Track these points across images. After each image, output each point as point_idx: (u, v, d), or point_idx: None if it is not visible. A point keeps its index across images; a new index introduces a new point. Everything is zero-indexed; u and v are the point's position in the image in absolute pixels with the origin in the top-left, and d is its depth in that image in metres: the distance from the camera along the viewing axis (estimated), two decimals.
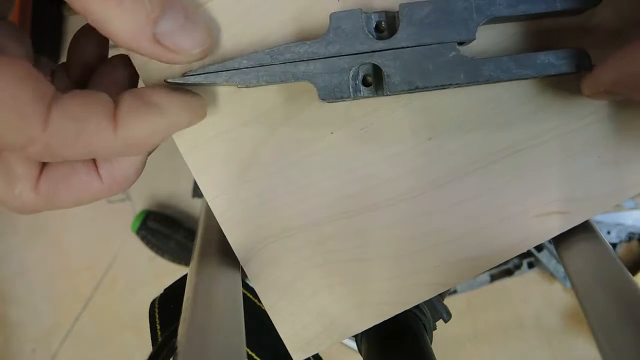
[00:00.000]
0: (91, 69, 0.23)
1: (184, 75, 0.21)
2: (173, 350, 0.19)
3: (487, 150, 0.23)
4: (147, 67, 0.22)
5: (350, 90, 0.21)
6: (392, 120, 0.23)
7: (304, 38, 0.22)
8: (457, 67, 0.20)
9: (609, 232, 0.82)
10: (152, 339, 0.29)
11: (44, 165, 0.20)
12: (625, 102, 0.22)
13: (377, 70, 0.21)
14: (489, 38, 0.22)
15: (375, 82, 0.21)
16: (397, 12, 0.20)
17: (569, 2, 0.20)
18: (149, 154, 0.22)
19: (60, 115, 0.17)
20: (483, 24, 0.20)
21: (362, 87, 0.21)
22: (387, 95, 0.21)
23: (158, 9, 0.18)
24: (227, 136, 0.24)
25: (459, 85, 0.21)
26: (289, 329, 0.25)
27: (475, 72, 0.20)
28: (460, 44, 0.21)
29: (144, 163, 0.22)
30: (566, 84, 0.22)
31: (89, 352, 0.97)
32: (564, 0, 0.20)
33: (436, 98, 0.23)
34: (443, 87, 0.21)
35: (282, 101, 0.23)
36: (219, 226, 0.24)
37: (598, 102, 0.22)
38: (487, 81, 0.20)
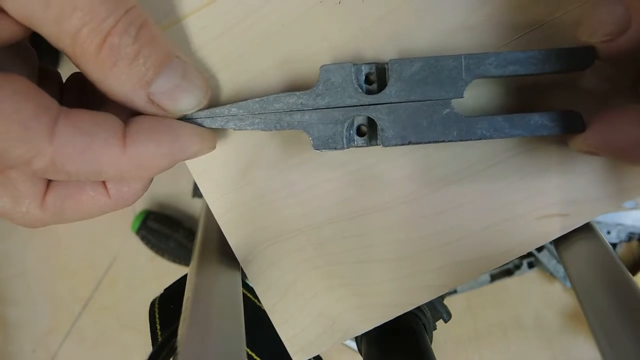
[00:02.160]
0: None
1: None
2: (173, 350, 0.19)
3: (487, 152, 0.23)
4: None
5: (344, 141, 0.21)
6: None
7: (294, 86, 0.22)
8: (450, 125, 0.21)
9: (609, 232, 0.82)
10: (152, 339, 0.29)
11: (50, 181, 0.20)
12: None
13: (371, 121, 0.21)
14: (480, 92, 0.23)
15: (369, 132, 0.22)
16: (387, 65, 0.21)
17: (557, 65, 0.20)
18: (157, 173, 0.22)
19: (67, 129, 0.17)
20: (472, 82, 0.20)
21: (356, 137, 0.22)
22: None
23: (152, 70, 0.18)
24: (228, 138, 0.23)
25: (452, 141, 0.21)
26: (289, 330, 0.25)
27: (469, 131, 0.21)
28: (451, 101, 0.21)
29: (152, 180, 0.21)
30: (566, 87, 0.23)
31: (89, 352, 0.97)
32: (552, 63, 0.20)
33: None
34: (436, 142, 0.21)
35: None
36: (219, 226, 0.24)
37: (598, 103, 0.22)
38: (480, 139, 0.21)
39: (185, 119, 0.21)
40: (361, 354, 0.30)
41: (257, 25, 0.22)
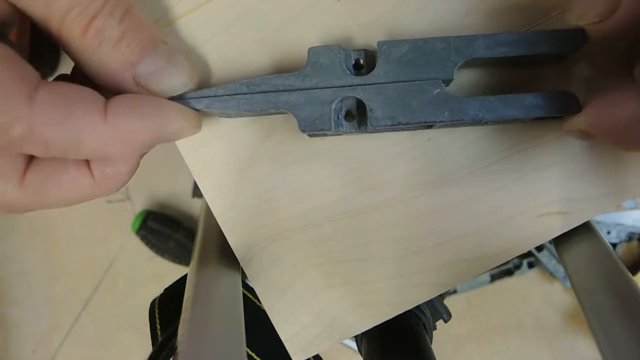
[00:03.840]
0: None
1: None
2: (173, 350, 0.19)
3: (487, 151, 0.23)
4: None
5: (332, 123, 0.20)
6: None
7: (282, 71, 0.22)
8: (441, 105, 0.20)
9: (609, 232, 0.82)
10: (152, 339, 0.29)
11: (31, 159, 0.19)
12: None
13: (360, 106, 0.21)
14: (471, 77, 0.22)
15: (358, 117, 0.21)
16: (376, 48, 0.20)
17: (547, 47, 0.20)
18: (142, 155, 0.22)
19: (46, 96, 0.16)
20: (461, 66, 0.20)
21: (344, 122, 0.21)
22: (370, 131, 0.21)
23: (137, 53, 0.18)
24: (227, 136, 0.24)
25: (443, 123, 0.20)
26: (289, 329, 0.25)
27: (460, 111, 0.20)
28: (444, 82, 0.20)
29: (138, 164, 0.21)
30: (558, 74, 0.22)
31: (89, 352, 0.97)
32: (541, 45, 0.20)
33: None
34: (427, 124, 0.20)
35: None
36: (219, 226, 0.24)
37: None
38: (472, 120, 0.20)
39: (171, 99, 0.20)
40: (361, 354, 0.30)
41: (252, 16, 0.22)
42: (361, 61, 0.21)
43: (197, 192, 0.93)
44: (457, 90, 0.22)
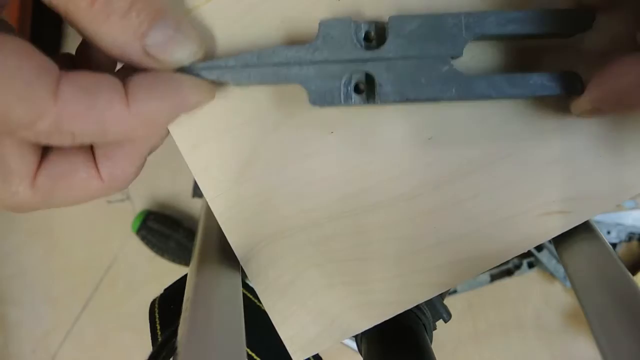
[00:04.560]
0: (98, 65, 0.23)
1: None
2: (173, 350, 0.19)
3: (487, 149, 0.23)
4: None
5: (342, 96, 0.21)
6: (392, 120, 0.23)
7: (293, 43, 0.22)
8: (449, 82, 0.20)
9: (609, 232, 0.82)
10: (152, 339, 0.29)
11: (41, 161, 0.19)
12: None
13: (369, 79, 0.21)
14: (479, 53, 0.23)
15: (367, 90, 0.22)
16: (387, 23, 0.21)
17: (558, 26, 0.20)
18: (149, 153, 0.22)
19: (70, 88, 0.16)
20: (472, 41, 0.20)
21: (353, 95, 0.21)
22: (378, 104, 0.21)
23: (146, 23, 0.18)
24: (227, 135, 0.24)
25: (450, 99, 0.21)
26: (289, 329, 0.25)
27: (467, 88, 0.20)
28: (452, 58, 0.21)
29: (144, 162, 0.21)
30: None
31: (89, 352, 0.97)
32: (552, 24, 0.20)
33: None
34: (434, 100, 0.21)
35: (282, 100, 0.23)
36: (219, 226, 0.24)
37: None
38: (478, 98, 0.21)
39: (182, 71, 0.21)
40: (361, 354, 0.30)
41: None
42: (372, 33, 0.21)
43: (197, 192, 0.93)
44: (465, 66, 0.23)
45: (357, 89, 0.21)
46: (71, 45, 0.92)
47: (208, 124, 0.24)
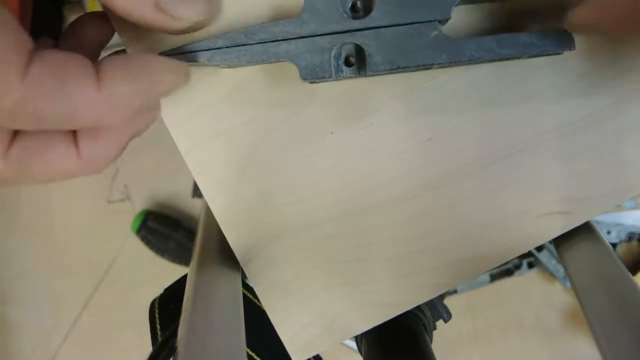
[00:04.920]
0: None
1: (161, 54, 0.21)
2: (173, 350, 0.19)
3: (488, 150, 0.23)
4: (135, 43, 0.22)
5: (332, 70, 0.21)
6: (392, 121, 0.23)
7: (280, 18, 0.22)
8: (438, 47, 0.20)
9: (609, 232, 0.82)
10: (152, 339, 0.29)
11: (17, 132, 0.18)
12: (625, 102, 0.22)
13: (359, 51, 0.21)
14: (466, 17, 0.22)
15: (357, 63, 0.21)
16: None
17: None
18: (132, 138, 0.21)
19: (41, 67, 0.16)
20: (458, 3, 0.20)
21: (344, 68, 0.21)
22: (370, 75, 0.21)
23: None
24: (227, 136, 0.23)
25: (441, 65, 0.20)
26: (289, 329, 0.25)
27: (457, 52, 0.20)
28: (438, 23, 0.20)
29: (126, 144, 0.21)
30: (566, 84, 0.22)
31: (89, 352, 0.97)
32: None
33: (436, 98, 0.23)
34: (425, 67, 0.21)
35: (282, 101, 0.23)
36: (219, 226, 0.24)
37: (598, 102, 0.22)
38: (470, 61, 0.20)
39: (171, 53, 0.20)
40: (361, 354, 0.30)
41: None
42: (358, 3, 0.21)
43: (197, 192, 0.93)
44: (453, 32, 0.22)
45: (347, 62, 0.21)
46: None
47: (208, 124, 0.24)
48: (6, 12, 0.16)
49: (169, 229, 0.90)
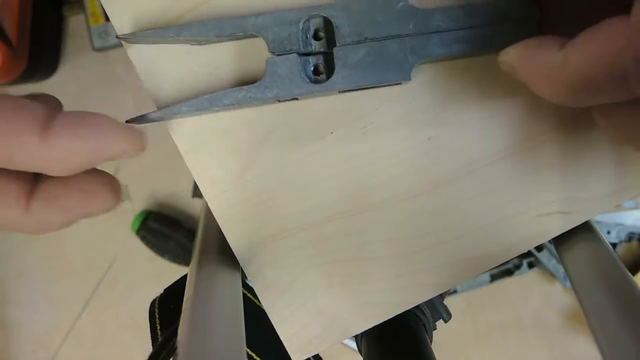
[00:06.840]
0: None
1: (127, 121, 0.21)
2: (173, 350, 0.19)
3: (487, 150, 0.23)
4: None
5: (300, 42, 0.21)
6: (392, 120, 0.23)
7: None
8: (405, 18, 0.21)
9: (609, 232, 0.82)
10: (152, 339, 0.29)
11: None
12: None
13: (328, 25, 0.21)
14: None
15: (327, 36, 0.22)
16: None
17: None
18: (84, 217, 0.21)
19: None
20: None
21: (313, 41, 0.21)
22: (338, 47, 0.21)
23: None
24: (227, 136, 0.23)
25: (409, 35, 0.21)
26: (289, 329, 0.25)
27: (425, 22, 0.21)
28: None
29: (74, 222, 0.21)
30: None
31: (89, 352, 0.97)
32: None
33: (436, 98, 0.23)
34: (393, 37, 0.21)
35: (281, 101, 0.23)
36: (219, 226, 0.24)
37: None
38: (437, 31, 0.20)
39: (136, 122, 0.20)
40: (361, 354, 0.30)
41: None
42: None
43: (197, 192, 0.93)
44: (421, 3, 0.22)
45: (316, 37, 0.22)
46: (71, 43, 0.92)
47: (208, 125, 0.24)
48: None
49: (169, 229, 0.90)
